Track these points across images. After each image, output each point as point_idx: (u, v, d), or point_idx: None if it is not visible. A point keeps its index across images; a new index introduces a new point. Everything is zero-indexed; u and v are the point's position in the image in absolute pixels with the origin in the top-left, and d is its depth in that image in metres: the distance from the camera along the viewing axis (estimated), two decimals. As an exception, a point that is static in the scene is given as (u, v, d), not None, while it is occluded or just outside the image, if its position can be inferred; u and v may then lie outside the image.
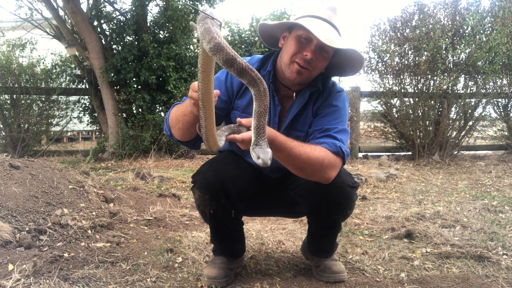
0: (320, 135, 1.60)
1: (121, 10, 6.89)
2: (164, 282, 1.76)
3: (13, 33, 7.38)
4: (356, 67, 1.69)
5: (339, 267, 1.82)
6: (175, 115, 1.55)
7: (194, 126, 1.50)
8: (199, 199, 1.68)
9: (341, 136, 1.60)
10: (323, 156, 1.49)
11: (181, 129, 1.55)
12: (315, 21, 1.57)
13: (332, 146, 1.53)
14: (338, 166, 1.55)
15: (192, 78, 6.49)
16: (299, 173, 1.54)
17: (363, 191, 4.02)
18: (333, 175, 1.54)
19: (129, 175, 4.39)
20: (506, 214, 3.02)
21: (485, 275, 1.86)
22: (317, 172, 1.51)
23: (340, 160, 1.55)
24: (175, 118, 1.56)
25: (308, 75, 1.61)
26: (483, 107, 6.57)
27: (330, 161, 1.51)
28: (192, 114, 1.43)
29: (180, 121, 1.52)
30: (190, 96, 1.36)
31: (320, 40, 1.48)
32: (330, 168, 1.52)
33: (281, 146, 1.44)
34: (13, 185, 2.36)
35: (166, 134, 1.67)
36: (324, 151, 1.50)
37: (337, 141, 1.56)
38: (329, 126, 1.62)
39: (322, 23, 1.57)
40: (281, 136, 1.46)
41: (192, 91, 1.34)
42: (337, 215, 1.71)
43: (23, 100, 6.42)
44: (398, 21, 6.20)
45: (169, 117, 1.61)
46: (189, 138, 1.60)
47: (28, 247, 1.97)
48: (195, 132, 1.53)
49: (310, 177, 1.54)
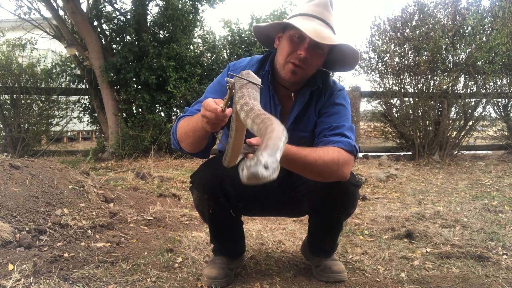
0: (330, 133, 1.60)
1: (121, 10, 6.89)
2: (164, 282, 1.76)
3: (13, 33, 7.38)
4: (352, 63, 1.69)
5: (339, 267, 1.82)
6: (184, 130, 1.51)
7: (205, 139, 1.48)
8: (197, 199, 1.68)
9: (350, 133, 1.60)
10: (337, 156, 1.48)
11: (192, 144, 1.51)
12: (306, 19, 1.57)
13: (347, 145, 1.53)
14: (351, 164, 1.56)
15: (192, 78, 6.49)
16: (317, 178, 1.53)
17: (363, 191, 4.02)
18: (348, 173, 1.54)
19: (129, 175, 4.39)
20: (506, 214, 3.02)
21: (485, 275, 1.86)
22: (334, 173, 1.50)
23: (353, 157, 1.55)
24: (184, 133, 1.51)
25: (303, 74, 1.61)
26: (483, 107, 6.56)
27: (345, 160, 1.51)
28: (204, 130, 1.37)
29: (190, 136, 1.48)
30: (203, 115, 1.29)
31: (312, 38, 1.48)
32: (346, 166, 1.52)
33: (295, 157, 1.42)
34: (13, 185, 2.36)
35: (175, 148, 1.62)
36: (337, 151, 1.50)
37: (350, 139, 1.57)
38: (338, 124, 1.62)
39: (314, 20, 1.57)
40: (293, 147, 1.43)
41: (205, 110, 1.28)
42: (340, 214, 1.72)
43: (23, 100, 6.42)
44: (398, 21, 6.20)
45: (177, 132, 1.56)
46: (200, 149, 1.57)
47: (28, 247, 1.97)
48: (205, 143, 1.51)
49: (328, 179, 1.54)
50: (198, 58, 6.88)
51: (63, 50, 7.68)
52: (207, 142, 1.54)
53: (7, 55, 6.40)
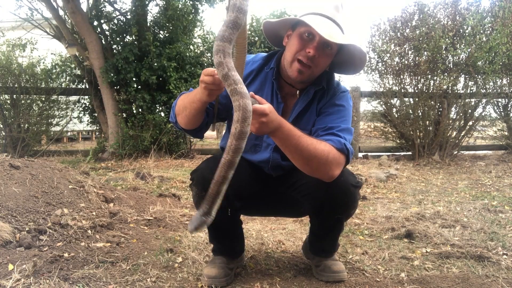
0: (323, 133, 1.59)
1: (121, 10, 6.89)
2: (164, 282, 1.76)
3: (13, 33, 7.37)
4: (358, 65, 1.69)
5: (339, 266, 1.82)
6: (183, 102, 1.57)
7: (200, 114, 1.53)
8: (196, 196, 1.69)
9: (345, 134, 1.58)
10: (328, 150, 1.47)
11: (187, 116, 1.56)
12: (317, 18, 1.58)
13: (337, 143, 1.51)
14: (342, 164, 1.53)
15: (193, 78, 6.49)
16: (304, 166, 1.50)
17: (363, 191, 4.02)
18: (336, 173, 1.51)
19: (129, 175, 4.39)
20: (506, 214, 3.02)
21: (485, 275, 1.86)
22: (322, 166, 1.48)
23: (344, 157, 1.53)
24: (182, 106, 1.57)
25: (310, 73, 1.61)
26: (483, 107, 6.56)
27: (334, 157, 1.49)
28: (201, 101, 1.44)
29: (187, 108, 1.53)
30: (201, 80, 1.37)
31: (322, 36, 1.48)
32: (335, 164, 1.49)
33: (289, 134, 1.42)
34: (13, 185, 2.36)
35: (171, 121, 1.69)
36: (329, 146, 1.49)
37: (341, 138, 1.55)
38: (332, 125, 1.61)
39: (325, 20, 1.58)
40: (290, 125, 1.44)
41: (203, 76, 1.36)
42: (341, 215, 1.71)
43: (23, 100, 6.42)
44: (398, 21, 6.20)
45: (176, 105, 1.62)
46: (194, 126, 1.62)
47: (28, 247, 1.97)
48: (200, 121, 1.57)
49: (315, 171, 1.51)
50: (198, 58, 6.89)
51: (63, 50, 7.68)
52: (202, 119, 1.60)
53: (7, 55, 6.40)
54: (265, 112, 1.34)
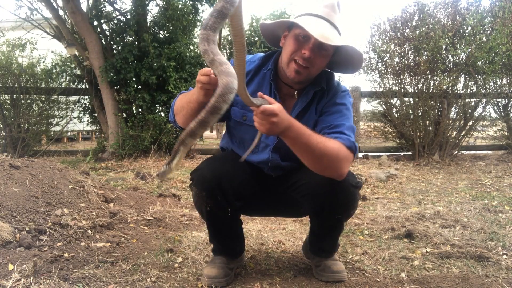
0: (329, 131, 1.59)
1: (121, 10, 6.89)
2: (164, 282, 1.76)
3: (13, 33, 7.37)
4: (356, 65, 1.69)
5: (339, 266, 1.82)
6: (181, 102, 1.58)
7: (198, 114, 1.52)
8: (196, 196, 1.69)
9: (350, 132, 1.60)
10: (338, 147, 1.48)
11: (185, 116, 1.56)
12: (312, 19, 1.57)
13: (346, 141, 1.52)
14: (350, 161, 1.54)
15: (193, 78, 6.49)
16: (314, 165, 1.50)
17: (363, 191, 4.02)
18: (346, 171, 1.52)
19: (129, 175, 4.39)
20: (506, 214, 3.02)
21: (485, 275, 1.86)
22: (332, 163, 1.47)
23: (352, 154, 1.54)
24: (180, 105, 1.58)
25: (307, 74, 1.61)
26: (483, 107, 6.56)
27: (344, 154, 1.49)
28: (197, 102, 1.44)
29: (185, 108, 1.54)
30: (198, 80, 1.37)
31: (316, 38, 1.48)
32: (345, 161, 1.50)
33: (299, 132, 1.42)
34: (13, 185, 2.36)
35: (170, 121, 1.70)
36: (338, 144, 1.49)
37: (349, 136, 1.56)
38: (338, 123, 1.62)
39: (320, 21, 1.57)
40: (297, 122, 1.44)
41: (200, 75, 1.36)
42: (341, 215, 1.71)
43: (23, 100, 6.42)
44: (398, 21, 6.20)
45: (175, 104, 1.64)
46: None
47: (28, 247, 1.97)
48: None
49: (325, 170, 1.50)
50: (198, 58, 6.89)
51: (63, 50, 7.68)
52: None
53: (7, 55, 6.39)
54: (275, 112, 1.34)
